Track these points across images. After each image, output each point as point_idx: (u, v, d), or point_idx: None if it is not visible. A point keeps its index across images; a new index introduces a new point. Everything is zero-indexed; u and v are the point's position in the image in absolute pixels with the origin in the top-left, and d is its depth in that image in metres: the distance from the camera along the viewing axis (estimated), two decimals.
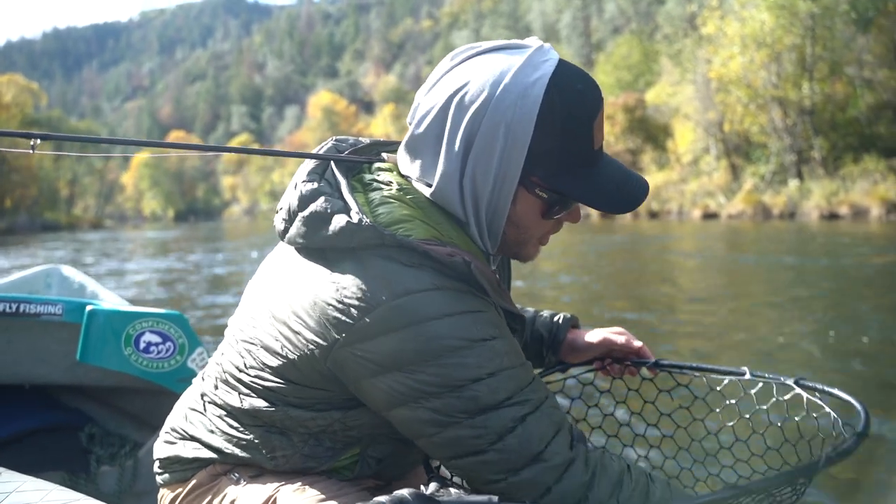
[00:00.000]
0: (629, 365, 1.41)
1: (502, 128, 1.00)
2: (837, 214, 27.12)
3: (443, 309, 0.96)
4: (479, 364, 0.96)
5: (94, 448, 2.47)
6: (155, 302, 10.33)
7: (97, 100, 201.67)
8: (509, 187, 1.04)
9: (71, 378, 2.40)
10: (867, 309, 7.75)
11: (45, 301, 2.23)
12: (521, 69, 1.01)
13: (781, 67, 32.83)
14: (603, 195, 1.07)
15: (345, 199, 1.05)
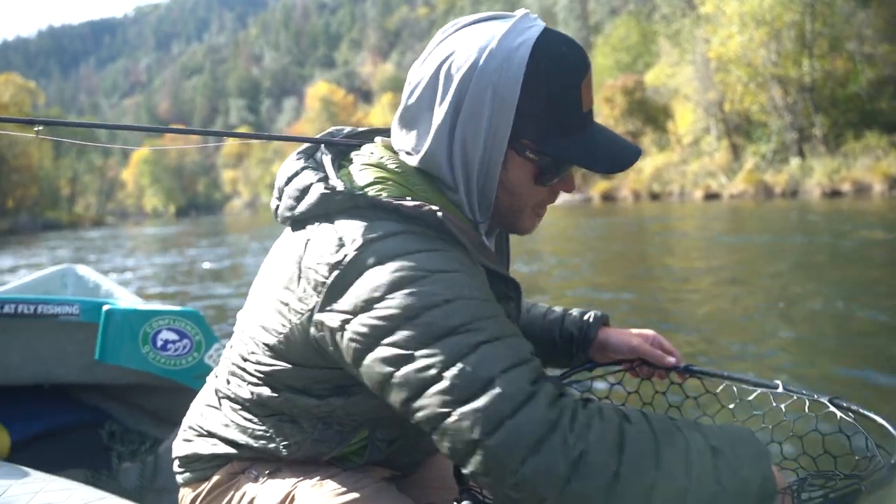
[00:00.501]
0: (658, 368, 1.38)
1: (489, 91, 1.02)
2: (840, 192, 27.09)
3: (406, 247, 0.96)
4: (435, 291, 0.93)
5: (115, 445, 2.50)
6: (160, 296, 10.37)
7: (95, 97, 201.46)
8: (499, 149, 1.05)
9: (89, 377, 2.42)
10: (869, 288, 7.76)
11: (63, 301, 2.25)
12: (505, 35, 1.03)
13: (781, 45, 32.71)
14: (593, 156, 1.06)
15: (322, 170, 1.10)
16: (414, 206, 1.00)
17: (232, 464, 1.18)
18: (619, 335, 1.40)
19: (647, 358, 1.37)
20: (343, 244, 0.98)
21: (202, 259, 17.40)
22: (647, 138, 42.01)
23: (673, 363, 1.36)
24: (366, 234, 0.98)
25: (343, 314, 0.97)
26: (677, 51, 40.87)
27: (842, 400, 1.15)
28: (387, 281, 0.94)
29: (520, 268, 10.65)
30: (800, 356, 5.10)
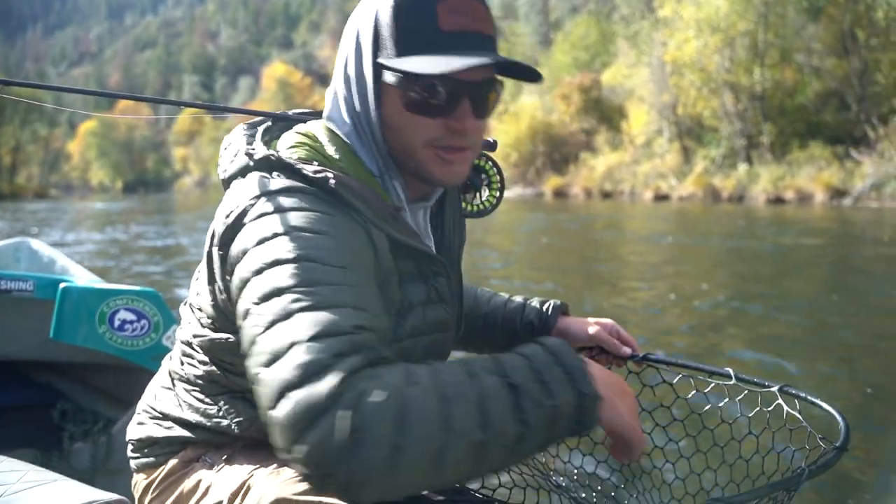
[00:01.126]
0: (616, 357, 1.41)
1: (355, 29, 1.08)
2: (783, 199, 27.85)
3: (284, 204, 0.95)
4: (286, 248, 0.89)
5: (67, 425, 2.47)
6: (102, 271, 10.18)
7: (42, 65, 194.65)
8: (365, 78, 1.06)
9: (42, 354, 2.39)
10: (801, 289, 8.06)
11: (16, 277, 2.23)
12: None
13: (734, 53, 33.41)
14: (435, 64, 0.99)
15: (250, 142, 1.12)
16: (314, 169, 0.99)
17: (186, 450, 1.18)
18: (579, 324, 1.42)
19: (605, 346, 1.39)
20: (241, 199, 0.98)
21: (150, 236, 17.09)
22: (601, 137, 42.49)
23: (629, 353, 1.39)
24: (258, 189, 0.98)
25: (229, 266, 0.97)
26: (635, 52, 41.37)
27: (790, 388, 1.19)
28: (259, 235, 0.92)
29: (477, 267, 10.73)
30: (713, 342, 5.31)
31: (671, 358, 1.36)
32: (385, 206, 1.03)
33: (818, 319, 6.52)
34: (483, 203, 1.34)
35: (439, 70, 0.98)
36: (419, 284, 1.10)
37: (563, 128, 45.47)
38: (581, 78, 45.01)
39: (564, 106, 45.14)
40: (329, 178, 0.98)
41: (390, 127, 1.06)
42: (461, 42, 1.01)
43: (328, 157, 1.06)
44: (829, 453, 0.98)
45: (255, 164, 1.04)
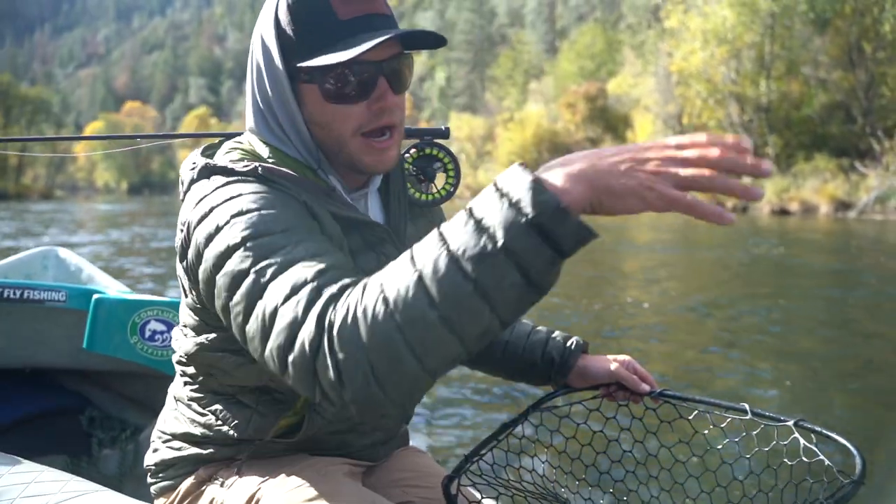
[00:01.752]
0: (634, 393, 1.43)
1: (259, 38, 1.10)
2: (788, 210, 27.88)
3: (222, 198, 1.00)
4: (233, 236, 0.95)
5: (95, 432, 2.52)
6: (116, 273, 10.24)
7: (49, 66, 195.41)
8: (282, 86, 1.08)
9: (73, 363, 2.44)
10: (806, 303, 8.09)
11: (49, 287, 2.28)
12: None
13: (740, 64, 33.50)
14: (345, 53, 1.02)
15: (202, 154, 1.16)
16: (243, 165, 1.04)
17: (199, 471, 1.21)
18: (598, 361, 1.45)
19: (624, 383, 1.42)
20: (184, 213, 1.05)
21: (156, 238, 17.16)
22: (607, 146, 42.39)
23: (647, 390, 1.41)
24: (198, 196, 1.03)
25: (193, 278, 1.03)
26: (641, 62, 41.54)
27: (806, 422, 1.20)
28: (203, 236, 0.98)
29: None
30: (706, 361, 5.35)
31: (687, 394, 1.38)
32: (318, 186, 1.08)
33: (824, 335, 6.56)
34: (440, 191, 1.34)
35: (346, 57, 1.01)
36: (369, 253, 1.13)
37: (569, 136, 45.56)
38: (587, 87, 45.13)
39: (570, 114, 45.26)
40: (257, 168, 1.03)
41: (316, 123, 1.09)
42: (362, 26, 1.04)
43: (259, 158, 1.10)
44: (846, 486, 0.99)
45: (198, 175, 1.07)
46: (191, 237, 1.01)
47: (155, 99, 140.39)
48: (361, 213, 1.12)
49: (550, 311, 7.36)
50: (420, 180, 1.33)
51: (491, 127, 54.37)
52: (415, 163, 1.34)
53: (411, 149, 1.35)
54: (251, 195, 0.99)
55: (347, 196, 1.16)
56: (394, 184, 1.25)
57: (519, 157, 45.56)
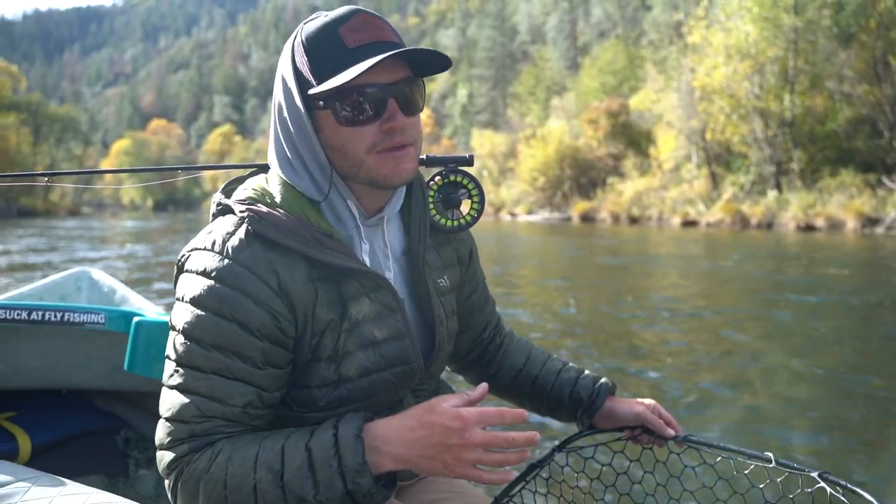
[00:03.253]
0: (658, 437, 1.44)
1: (280, 77, 1.16)
2: (814, 226, 27.53)
3: (201, 264, 1.09)
4: (180, 318, 1.08)
5: (132, 452, 2.54)
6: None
7: (78, 85, 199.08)
8: (299, 118, 1.13)
9: (109, 384, 2.47)
10: (835, 323, 7.94)
11: (88, 310, 2.28)
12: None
13: (764, 79, 33.26)
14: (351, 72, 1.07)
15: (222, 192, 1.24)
16: (242, 208, 1.12)
17: None
18: (624, 404, 1.47)
19: (650, 426, 1.43)
20: (196, 244, 1.13)
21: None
22: (629, 162, 42.41)
23: (672, 434, 1.42)
24: (204, 241, 1.12)
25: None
26: (663, 77, 41.39)
27: (830, 474, 1.20)
28: (182, 287, 1.11)
29: (496, 292, 10.73)
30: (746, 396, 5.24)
31: (712, 441, 1.38)
32: (313, 232, 1.11)
33: (853, 359, 6.42)
34: (465, 217, 1.37)
35: (350, 77, 1.06)
36: (363, 300, 1.16)
37: (591, 152, 45.46)
38: (609, 103, 45.05)
39: (592, 130, 45.17)
40: (252, 217, 1.10)
41: (333, 148, 1.13)
42: (368, 52, 1.09)
43: (269, 195, 1.16)
44: None
45: (212, 217, 1.19)
46: (181, 270, 1.13)
47: (180, 117, 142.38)
48: (355, 261, 1.14)
49: (576, 348, 7.30)
50: (445, 207, 1.35)
51: (513, 143, 54.39)
52: (440, 190, 1.36)
53: (436, 176, 1.37)
54: (220, 287, 1.06)
55: (363, 222, 1.20)
56: (416, 207, 1.28)
57: (541, 174, 45.54)
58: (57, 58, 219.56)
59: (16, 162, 60.65)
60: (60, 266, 14.49)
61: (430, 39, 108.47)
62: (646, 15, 61.70)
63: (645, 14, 62.39)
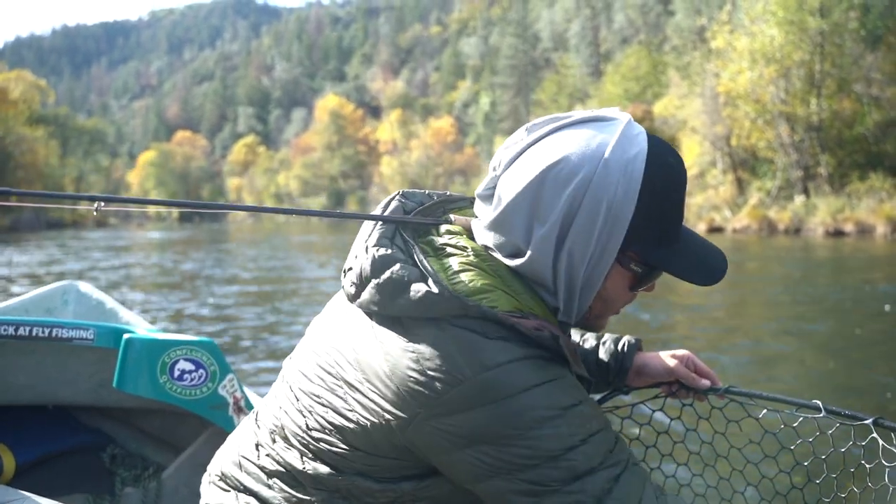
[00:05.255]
0: (697, 391, 1.36)
1: (604, 204, 1.00)
2: (843, 231, 27.11)
3: (530, 380, 0.96)
4: (571, 433, 0.96)
5: (118, 469, 2.48)
6: (149, 305, 10.38)
7: (105, 97, 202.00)
8: (606, 263, 1.04)
9: (96, 400, 2.43)
10: (867, 332, 7.77)
11: (78, 325, 2.25)
12: (618, 144, 1.01)
13: (790, 83, 32.85)
14: (693, 268, 1.10)
15: (420, 266, 1.03)
16: (532, 326, 0.99)
17: None
18: (656, 359, 1.38)
19: (684, 381, 1.35)
20: (460, 362, 0.96)
21: (204, 268, 17.39)
22: None
23: (707, 385, 1.33)
24: (487, 356, 0.96)
25: (461, 438, 0.97)
26: (687, 83, 41.04)
27: (885, 420, 1.14)
28: (521, 421, 0.95)
29: None
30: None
31: (754, 391, 1.31)
32: (572, 344, 1.10)
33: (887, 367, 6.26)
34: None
35: (711, 283, 1.11)
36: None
37: None
38: (632, 109, 44.74)
39: None
40: (558, 339, 1.01)
41: (603, 298, 1.11)
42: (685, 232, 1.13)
43: (521, 303, 1.03)
44: None
45: (448, 309, 0.99)
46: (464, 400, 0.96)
47: (205, 128, 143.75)
48: (586, 372, 1.16)
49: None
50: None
51: None
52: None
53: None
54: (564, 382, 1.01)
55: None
56: None
57: None
58: (84, 71, 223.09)
59: (45, 174, 61.65)
60: (82, 275, 14.63)
61: (453, 48, 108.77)
62: (669, 20, 61.33)
63: (668, 20, 62.02)
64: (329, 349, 1.10)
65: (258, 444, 1.17)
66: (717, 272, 1.12)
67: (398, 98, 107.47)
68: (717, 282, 1.10)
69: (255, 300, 11.39)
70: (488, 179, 1.10)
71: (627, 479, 0.99)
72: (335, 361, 1.08)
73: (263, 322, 9.02)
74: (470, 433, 0.96)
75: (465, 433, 0.97)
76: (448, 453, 0.99)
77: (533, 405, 0.95)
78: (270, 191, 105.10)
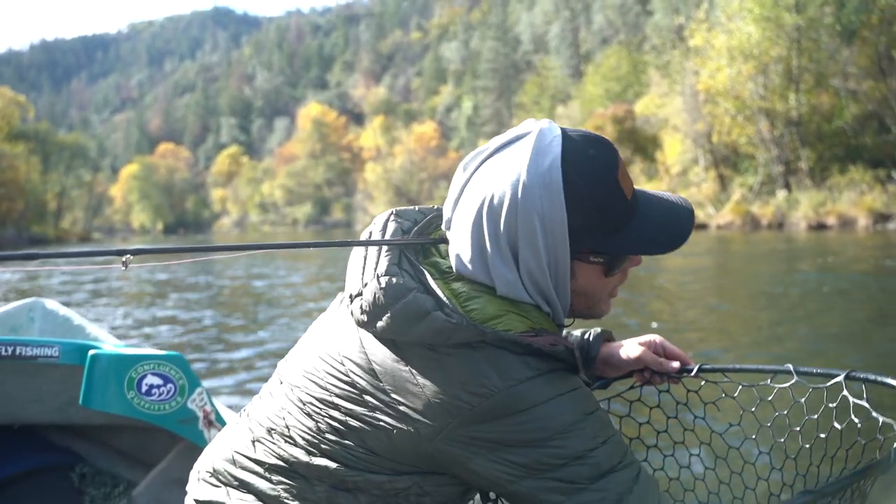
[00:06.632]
0: (672, 377, 1.35)
1: (537, 220, 1.03)
2: (825, 225, 27.35)
3: (556, 390, 1.04)
4: (594, 434, 1.04)
5: (87, 489, 2.45)
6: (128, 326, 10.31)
7: (86, 112, 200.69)
8: (564, 269, 1.09)
9: (64, 418, 2.39)
10: (849, 321, 7.82)
11: (42, 343, 2.22)
12: (532, 160, 1.04)
13: (768, 79, 33.14)
14: (652, 241, 1.12)
15: (432, 293, 1.06)
16: (547, 342, 1.05)
17: None
18: (622, 348, 1.37)
19: (651, 366, 1.34)
20: (492, 377, 1.02)
21: (189, 282, 17.29)
22: (636, 167, 42.29)
23: (677, 367, 1.33)
24: (512, 371, 1.02)
25: (494, 444, 1.02)
26: (667, 82, 41.31)
27: (856, 372, 1.14)
28: (551, 425, 1.02)
29: None
30: None
31: (726, 366, 1.31)
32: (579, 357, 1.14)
33: (871, 355, 6.31)
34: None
35: (676, 247, 1.12)
36: None
37: None
38: (614, 109, 45.01)
39: None
40: (573, 352, 1.09)
41: (581, 294, 1.14)
42: (637, 200, 1.13)
43: (532, 321, 1.08)
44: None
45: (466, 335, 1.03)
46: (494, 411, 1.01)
47: (188, 140, 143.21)
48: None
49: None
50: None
51: None
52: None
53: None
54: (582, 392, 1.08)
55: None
56: None
57: None
58: (64, 86, 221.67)
59: (26, 191, 61.15)
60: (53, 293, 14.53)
61: (434, 53, 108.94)
62: (647, 20, 61.71)
63: (646, 19, 62.40)
64: (342, 359, 1.11)
65: (255, 440, 1.15)
66: (678, 237, 1.13)
67: (380, 104, 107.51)
68: (681, 244, 1.12)
69: (231, 313, 11.32)
70: (445, 221, 1.14)
71: (645, 481, 1.06)
72: (350, 371, 1.09)
73: (238, 335, 8.95)
74: (501, 438, 1.02)
75: (497, 438, 1.02)
76: (478, 460, 1.03)
77: (561, 411, 1.03)
78: (255, 200, 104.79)
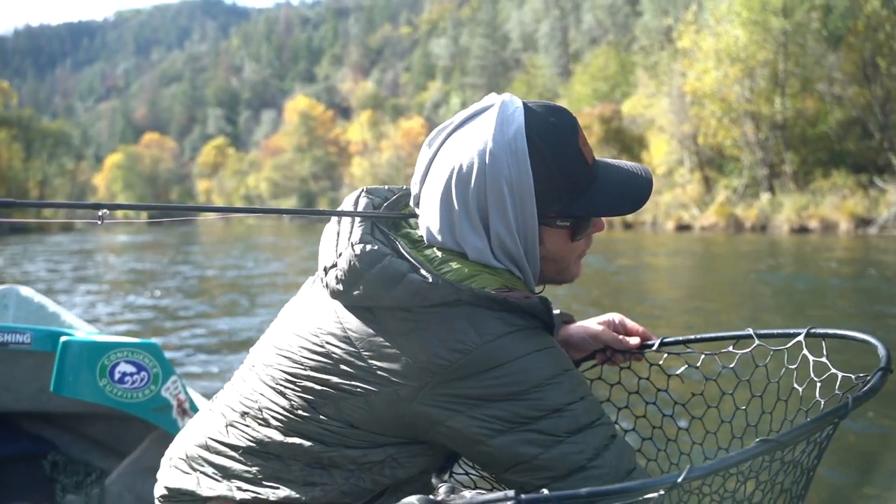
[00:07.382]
0: (634, 352, 1.35)
1: (505, 186, 1.08)
2: (807, 228, 27.55)
3: (533, 346, 1.05)
4: (572, 389, 1.06)
5: (59, 477, 2.43)
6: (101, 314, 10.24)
7: (70, 99, 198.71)
8: (532, 234, 1.13)
9: (36, 406, 2.37)
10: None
11: (13, 329, 2.21)
12: (497, 129, 1.08)
13: (754, 82, 33.31)
14: (615, 203, 1.16)
15: (407, 259, 1.07)
16: (521, 296, 1.07)
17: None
18: (580, 329, 1.38)
19: (611, 344, 1.35)
20: (469, 334, 1.03)
21: (173, 270, 17.20)
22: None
23: (637, 344, 1.34)
24: (488, 327, 1.03)
25: (473, 398, 1.03)
26: (654, 83, 41.43)
27: (816, 328, 1.16)
28: (528, 378, 1.03)
29: None
30: None
31: (687, 336, 1.32)
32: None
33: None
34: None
35: (638, 208, 1.16)
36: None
37: None
38: (601, 108, 45.09)
39: (586, 136, 45.15)
40: (547, 302, 1.11)
41: (550, 259, 1.18)
42: (598, 165, 1.18)
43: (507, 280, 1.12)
44: (873, 377, 0.96)
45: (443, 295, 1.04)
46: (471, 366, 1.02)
47: (174, 130, 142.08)
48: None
49: None
50: None
51: None
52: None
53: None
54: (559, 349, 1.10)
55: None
56: None
57: None
58: (49, 73, 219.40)
59: (7, 178, 60.41)
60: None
61: (423, 48, 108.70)
62: (636, 21, 61.83)
63: (636, 20, 62.51)
64: (316, 331, 1.11)
65: (229, 424, 1.15)
66: (639, 199, 1.18)
67: (368, 99, 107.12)
68: (641, 205, 1.17)
69: (210, 302, 11.28)
70: (413, 197, 1.19)
71: (622, 440, 1.08)
72: (325, 342, 1.09)
73: (215, 323, 8.93)
74: (480, 394, 1.02)
75: (475, 394, 1.03)
76: (457, 417, 1.03)
77: (538, 365, 1.04)
78: (240, 193, 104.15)
